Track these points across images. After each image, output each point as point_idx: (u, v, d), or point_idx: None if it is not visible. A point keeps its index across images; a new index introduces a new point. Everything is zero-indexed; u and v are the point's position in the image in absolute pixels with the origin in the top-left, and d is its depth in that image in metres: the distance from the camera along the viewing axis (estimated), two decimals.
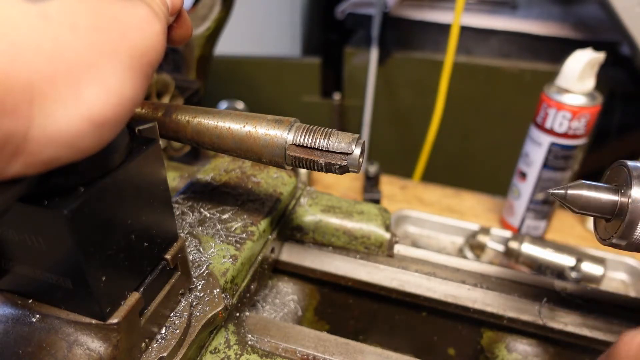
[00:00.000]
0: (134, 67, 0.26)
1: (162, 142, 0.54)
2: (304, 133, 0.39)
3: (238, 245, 0.47)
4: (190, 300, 0.40)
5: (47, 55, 0.22)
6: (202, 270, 0.43)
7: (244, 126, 0.40)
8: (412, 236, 0.94)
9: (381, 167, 1.09)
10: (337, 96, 1.51)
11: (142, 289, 0.34)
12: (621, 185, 0.38)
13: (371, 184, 1.06)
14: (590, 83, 0.79)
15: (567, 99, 0.78)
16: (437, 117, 1.23)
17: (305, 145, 0.39)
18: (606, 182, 0.40)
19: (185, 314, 0.39)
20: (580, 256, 0.79)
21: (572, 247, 0.84)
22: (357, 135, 0.39)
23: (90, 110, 0.23)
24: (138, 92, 0.26)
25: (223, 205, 0.52)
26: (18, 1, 0.22)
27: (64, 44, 0.23)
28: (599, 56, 0.77)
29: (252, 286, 0.50)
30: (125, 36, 0.25)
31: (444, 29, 1.26)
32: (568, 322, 0.49)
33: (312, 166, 0.40)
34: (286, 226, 0.57)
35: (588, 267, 0.78)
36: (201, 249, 0.46)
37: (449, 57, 1.18)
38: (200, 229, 0.49)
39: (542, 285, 0.52)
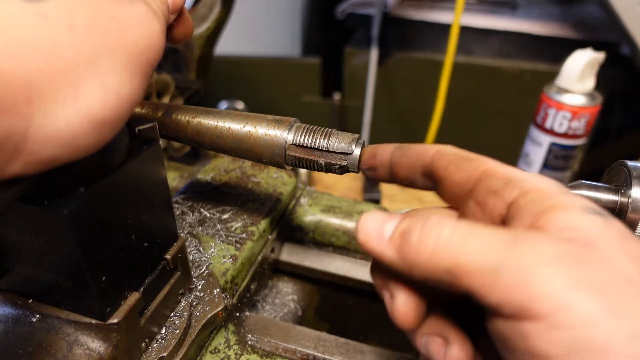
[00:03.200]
0: (133, 66, 0.26)
1: (162, 142, 0.54)
2: (304, 133, 0.39)
3: (238, 245, 0.47)
4: (190, 300, 0.40)
5: (45, 53, 0.22)
6: (202, 270, 0.43)
7: (244, 126, 0.40)
8: None
9: None
10: (337, 96, 1.51)
11: (142, 289, 0.34)
12: (621, 185, 0.38)
13: (371, 184, 1.06)
14: (590, 83, 0.79)
15: (567, 99, 0.78)
16: (437, 117, 1.23)
17: (305, 145, 0.39)
18: (606, 182, 0.40)
19: (185, 314, 0.39)
20: None
21: None
22: (357, 135, 0.39)
23: (89, 109, 0.23)
24: (137, 91, 0.26)
25: (223, 205, 0.52)
26: (15, 0, 0.22)
27: (62, 42, 0.22)
28: (599, 56, 0.77)
29: (252, 286, 0.50)
30: (123, 35, 0.25)
31: (444, 29, 1.26)
32: None
33: (312, 166, 0.40)
34: (286, 226, 0.57)
35: None
36: (201, 249, 0.46)
37: (449, 57, 1.18)
38: (200, 229, 0.49)
39: None
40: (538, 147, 0.84)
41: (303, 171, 1.01)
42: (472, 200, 0.28)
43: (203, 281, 0.42)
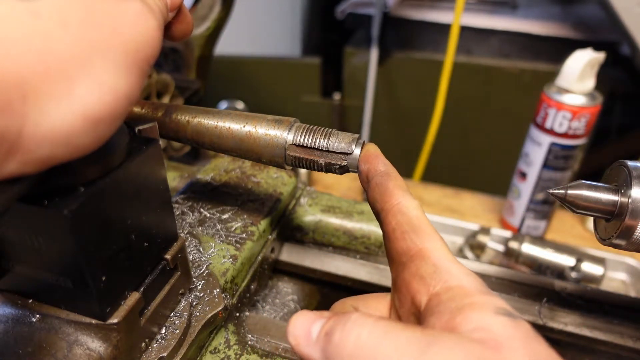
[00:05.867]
0: (128, 63, 0.25)
1: (162, 142, 0.54)
2: (303, 133, 0.39)
3: (238, 245, 0.47)
4: (190, 300, 0.40)
5: (39, 51, 0.22)
6: (202, 270, 0.43)
7: (244, 126, 0.40)
8: None
9: None
10: (337, 96, 1.51)
11: (142, 289, 0.34)
12: (621, 185, 0.38)
13: None
14: (590, 83, 0.78)
15: (567, 99, 0.78)
16: (437, 117, 1.23)
17: (305, 145, 0.39)
18: (606, 182, 0.40)
19: (185, 314, 0.39)
20: (580, 256, 0.79)
21: (572, 247, 0.83)
22: (357, 135, 0.39)
23: (84, 107, 0.23)
24: (134, 89, 0.26)
25: (223, 205, 0.52)
26: None
27: (56, 40, 0.22)
28: (599, 56, 0.77)
29: (252, 286, 0.50)
30: (118, 32, 0.25)
31: (444, 29, 1.26)
32: (568, 322, 0.49)
33: (312, 166, 0.40)
34: (286, 226, 0.57)
35: (588, 267, 0.78)
36: (201, 249, 0.46)
37: (449, 57, 1.18)
38: (200, 229, 0.49)
39: (542, 285, 0.52)
40: (538, 147, 0.84)
41: (303, 171, 1.01)
42: (402, 275, 0.29)
43: (203, 281, 0.42)
